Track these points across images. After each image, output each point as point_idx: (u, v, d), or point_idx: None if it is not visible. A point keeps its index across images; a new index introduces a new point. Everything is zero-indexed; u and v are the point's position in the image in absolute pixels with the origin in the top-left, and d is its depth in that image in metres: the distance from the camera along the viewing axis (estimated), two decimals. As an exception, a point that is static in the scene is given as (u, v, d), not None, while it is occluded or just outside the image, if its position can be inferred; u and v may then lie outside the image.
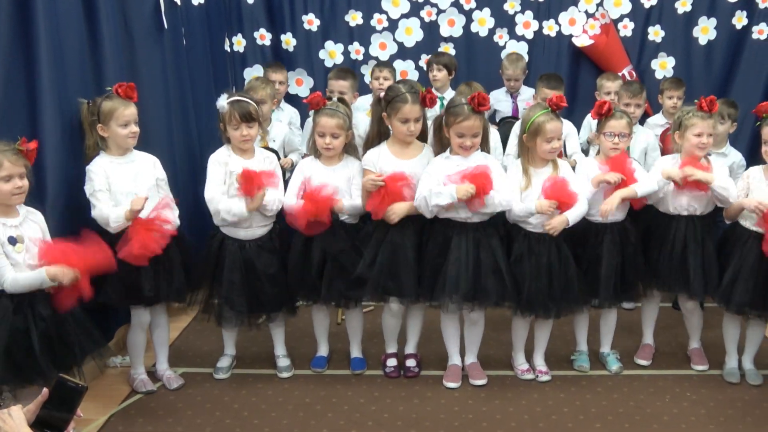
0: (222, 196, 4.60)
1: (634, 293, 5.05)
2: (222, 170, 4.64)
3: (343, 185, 4.72)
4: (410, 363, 5.02)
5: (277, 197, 4.67)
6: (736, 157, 5.62)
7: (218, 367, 4.96)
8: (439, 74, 6.31)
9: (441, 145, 4.72)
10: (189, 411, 4.51)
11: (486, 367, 4.98)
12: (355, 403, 4.61)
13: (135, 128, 4.44)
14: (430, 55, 6.63)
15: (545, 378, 4.91)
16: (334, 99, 4.91)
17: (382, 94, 4.77)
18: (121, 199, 4.36)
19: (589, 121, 5.94)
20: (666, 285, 4.94)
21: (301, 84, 6.99)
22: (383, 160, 4.65)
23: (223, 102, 4.62)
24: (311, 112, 4.85)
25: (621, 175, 4.66)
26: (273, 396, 4.69)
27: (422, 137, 4.80)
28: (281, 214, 4.79)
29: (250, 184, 4.54)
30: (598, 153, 5.06)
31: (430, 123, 4.85)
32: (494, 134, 5.78)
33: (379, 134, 4.80)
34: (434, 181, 4.52)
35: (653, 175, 4.80)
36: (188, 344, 5.42)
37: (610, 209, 4.62)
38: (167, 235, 4.43)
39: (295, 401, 4.63)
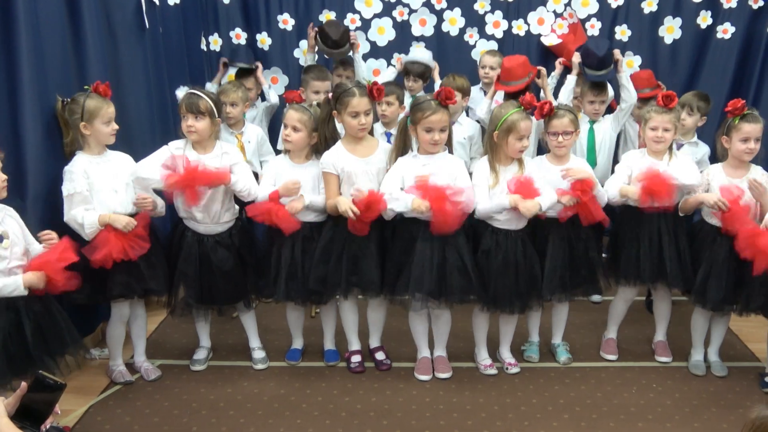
0: (149, 170, 4.60)
1: (591, 287, 5.05)
2: (168, 155, 4.66)
3: (310, 183, 4.76)
4: (380, 356, 5.09)
5: (242, 182, 4.69)
6: (705, 148, 5.73)
7: (195, 359, 5.03)
8: (415, 85, 6.32)
9: (404, 148, 4.71)
10: (166, 402, 4.57)
11: (456, 359, 5.06)
12: (329, 394, 4.68)
13: (116, 126, 4.53)
14: (405, 59, 6.58)
15: (515, 370, 4.98)
16: (313, 104, 4.95)
17: (330, 94, 4.81)
18: (103, 197, 4.44)
19: None
20: (644, 278, 4.97)
21: (276, 82, 7.00)
22: (342, 159, 4.67)
23: (180, 93, 4.69)
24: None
25: (576, 199, 4.70)
26: (248, 387, 4.76)
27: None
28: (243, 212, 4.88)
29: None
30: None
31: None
32: (473, 125, 5.88)
33: (324, 133, 4.78)
34: (396, 182, 4.58)
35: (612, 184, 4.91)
36: (165, 337, 5.47)
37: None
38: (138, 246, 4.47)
39: (270, 392, 4.69)
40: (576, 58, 5.88)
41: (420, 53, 6.58)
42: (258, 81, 6.41)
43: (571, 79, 5.89)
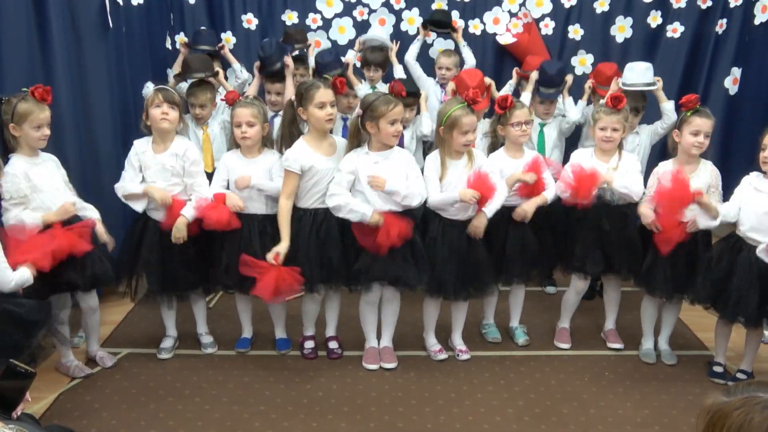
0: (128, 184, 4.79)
1: (545, 272, 5.25)
2: (136, 162, 4.80)
3: (264, 175, 4.85)
4: (333, 345, 5.18)
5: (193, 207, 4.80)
6: (646, 128, 5.94)
7: (161, 347, 5.10)
8: (375, 74, 6.41)
9: (358, 146, 4.78)
10: (134, 389, 4.64)
11: (413, 348, 5.19)
12: (291, 381, 4.77)
13: (47, 131, 4.44)
14: (364, 38, 6.71)
15: (465, 357, 5.10)
16: (250, 97, 5.09)
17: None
18: (49, 197, 4.45)
19: None
20: (588, 272, 5.13)
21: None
22: (305, 157, 4.69)
23: (150, 88, 4.78)
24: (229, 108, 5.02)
25: (535, 176, 4.91)
26: (213, 375, 4.84)
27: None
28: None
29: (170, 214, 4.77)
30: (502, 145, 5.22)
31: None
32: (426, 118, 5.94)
33: (290, 134, 4.88)
34: (348, 178, 4.68)
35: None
36: (132, 326, 5.53)
37: (525, 217, 4.91)
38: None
39: (234, 380, 4.78)
40: (535, 75, 6.07)
41: (378, 32, 6.73)
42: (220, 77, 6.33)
43: (526, 95, 6.06)
